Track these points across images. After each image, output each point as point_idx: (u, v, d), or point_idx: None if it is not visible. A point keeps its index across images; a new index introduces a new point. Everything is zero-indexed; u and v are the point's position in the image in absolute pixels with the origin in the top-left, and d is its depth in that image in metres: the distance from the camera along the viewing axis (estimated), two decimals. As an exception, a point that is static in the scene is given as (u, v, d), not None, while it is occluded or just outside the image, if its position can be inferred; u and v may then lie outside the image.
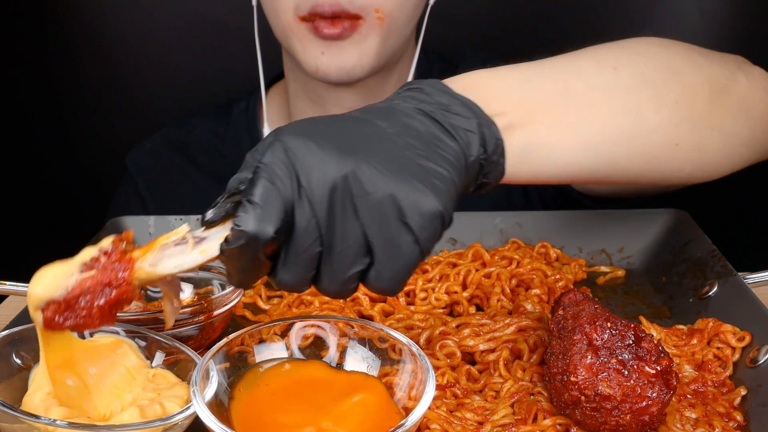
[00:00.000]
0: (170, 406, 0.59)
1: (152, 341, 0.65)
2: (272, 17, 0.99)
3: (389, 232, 0.53)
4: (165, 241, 0.55)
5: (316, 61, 0.96)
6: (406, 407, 0.59)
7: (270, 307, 0.83)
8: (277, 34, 1.01)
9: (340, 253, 0.53)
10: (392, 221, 0.53)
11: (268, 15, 1.00)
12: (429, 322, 0.75)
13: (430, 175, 0.55)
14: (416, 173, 0.54)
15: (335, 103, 1.07)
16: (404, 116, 0.58)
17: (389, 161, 0.54)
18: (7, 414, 0.54)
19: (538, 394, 0.64)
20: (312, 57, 0.96)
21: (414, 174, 0.54)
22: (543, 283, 0.81)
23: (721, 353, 0.68)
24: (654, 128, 0.71)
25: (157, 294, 0.80)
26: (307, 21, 0.93)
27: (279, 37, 1.01)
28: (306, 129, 0.55)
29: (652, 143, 0.72)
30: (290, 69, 1.10)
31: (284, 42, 1.00)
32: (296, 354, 0.65)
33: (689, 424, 0.60)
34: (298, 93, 1.10)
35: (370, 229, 0.53)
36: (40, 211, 1.48)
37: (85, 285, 0.55)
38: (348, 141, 0.54)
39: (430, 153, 0.56)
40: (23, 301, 0.78)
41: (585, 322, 0.58)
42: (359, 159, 0.53)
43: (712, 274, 0.79)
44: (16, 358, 0.62)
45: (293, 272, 0.54)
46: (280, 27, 0.98)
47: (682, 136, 0.74)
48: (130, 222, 0.94)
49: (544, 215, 0.93)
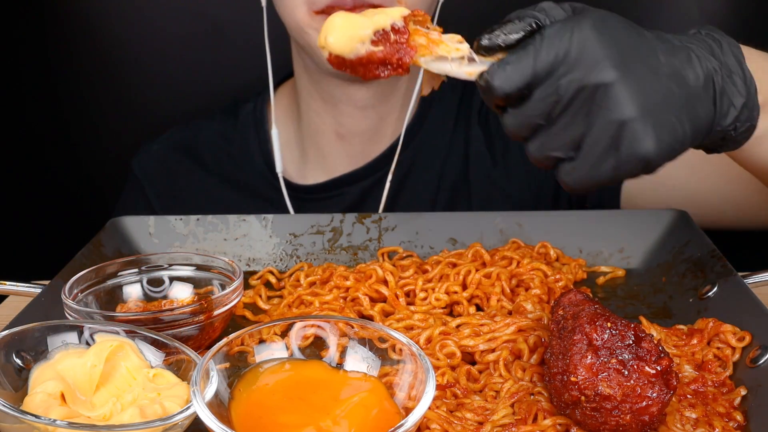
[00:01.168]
0: (170, 406, 0.59)
1: (152, 341, 0.65)
2: (285, 15, 0.99)
3: (601, 148, 0.59)
4: (446, 54, 0.61)
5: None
6: (406, 407, 0.59)
7: (270, 307, 0.83)
8: (292, 31, 1.00)
9: (555, 135, 0.60)
10: (609, 143, 0.58)
11: (281, 13, 1.00)
12: (429, 322, 0.75)
13: (668, 126, 0.59)
14: (657, 117, 0.58)
15: (348, 101, 1.07)
16: (687, 62, 0.61)
17: (643, 94, 0.58)
18: (8, 414, 0.54)
19: (538, 394, 0.64)
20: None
21: (654, 117, 0.58)
22: (543, 283, 0.81)
23: (721, 353, 0.68)
24: None
25: (158, 294, 0.80)
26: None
27: (293, 33, 1.00)
28: (605, 26, 0.59)
29: None
30: (302, 68, 1.10)
31: (299, 38, 1.00)
32: (296, 354, 0.65)
33: (689, 424, 0.60)
34: (310, 92, 1.10)
35: (589, 137, 0.59)
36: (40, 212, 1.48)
37: (372, 57, 0.62)
38: (624, 54, 0.58)
39: (684, 107, 0.60)
40: (23, 301, 0.78)
41: (585, 322, 0.58)
42: (621, 77, 0.57)
43: (712, 274, 0.79)
44: (16, 358, 0.62)
45: (515, 124, 0.61)
46: (294, 23, 0.97)
47: None
48: (130, 222, 0.94)
49: (544, 215, 0.93)
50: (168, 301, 0.80)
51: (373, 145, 1.13)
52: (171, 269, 0.81)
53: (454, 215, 0.94)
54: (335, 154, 1.14)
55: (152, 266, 0.81)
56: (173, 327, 0.70)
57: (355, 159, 1.14)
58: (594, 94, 0.57)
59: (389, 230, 0.93)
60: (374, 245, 0.93)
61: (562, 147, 0.60)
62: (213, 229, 0.94)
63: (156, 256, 0.82)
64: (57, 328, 0.64)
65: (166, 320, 0.70)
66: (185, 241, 0.94)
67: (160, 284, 0.81)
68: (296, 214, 0.96)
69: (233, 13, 1.38)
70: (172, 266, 0.81)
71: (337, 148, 1.13)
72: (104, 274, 0.78)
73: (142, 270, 0.80)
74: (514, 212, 0.93)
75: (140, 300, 0.79)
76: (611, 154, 0.59)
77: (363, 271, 0.85)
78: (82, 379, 0.61)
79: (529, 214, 0.93)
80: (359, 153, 1.13)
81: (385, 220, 0.94)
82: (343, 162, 1.14)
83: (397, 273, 0.84)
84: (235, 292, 0.75)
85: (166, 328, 0.69)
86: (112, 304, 0.78)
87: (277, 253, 0.94)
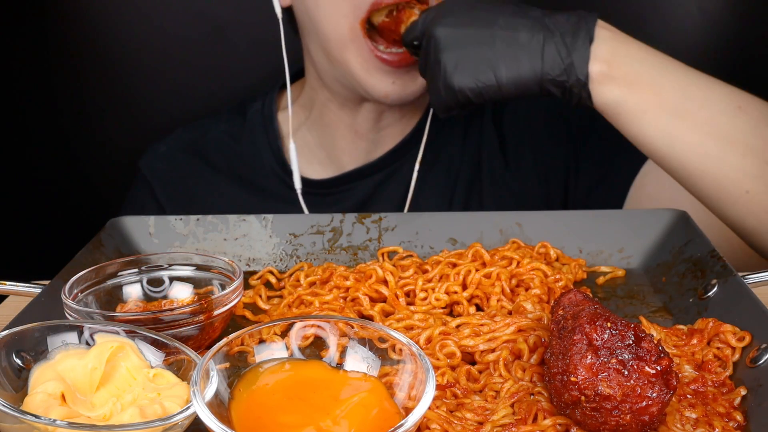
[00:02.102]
0: (170, 406, 0.59)
1: (152, 341, 0.65)
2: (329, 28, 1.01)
3: (432, 76, 0.89)
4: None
5: (386, 90, 1.03)
6: (406, 407, 0.59)
7: (270, 307, 0.83)
8: (333, 48, 1.02)
9: (420, 65, 0.92)
10: (435, 74, 0.88)
11: (323, 26, 1.01)
12: (429, 322, 0.75)
13: (482, 65, 0.85)
14: (470, 59, 0.85)
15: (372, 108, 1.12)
16: (524, 27, 0.84)
17: (459, 44, 0.85)
18: (8, 414, 0.54)
19: (538, 394, 0.64)
20: (383, 86, 1.02)
21: (467, 59, 0.85)
22: (543, 283, 0.81)
23: (721, 353, 0.68)
24: (735, 166, 0.84)
25: (158, 294, 0.80)
26: (368, 28, 0.99)
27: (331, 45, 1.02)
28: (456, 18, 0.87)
29: (723, 174, 0.84)
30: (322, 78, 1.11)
31: (337, 52, 1.02)
32: (296, 354, 0.65)
33: (689, 424, 0.60)
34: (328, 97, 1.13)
35: (428, 69, 0.90)
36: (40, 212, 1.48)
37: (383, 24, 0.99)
38: (459, 19, 0.87)
39: (504, 55, 0.84)
40: (23, 301, 0.78)
41: (585, 322, 0.58)
42: (447, 34, 0.86)
43: (712, 274, 0.79)
44: (16, 358, 0.62)
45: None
46: (339, 36, 1.00)
47: (757, 188, 0.84)
48: (130, 222, 0.94)
49: (544, 215, 0.93)
50: (168, 301, 0.80)
51: (386, 139, 1.14)
52: (171, 269, 0.81)
53: (454, 215, 0.94)
54: (350, 150, 1.15)
55: (152, 266, 0.81)
56: (173, 327, 0.70)
57: (367, 154, 1.15)
58: (431, 42, 0.87)
59: (389, 230, 0.93)
60: (374, 245, 0.93)
61: (423, 73, 0.91)
62: (213, 229, 0.94)
63: (156, 256, 0.82)
64: (57, 328, 0.64)
65: (166, 320, 0.70)
66: (185, 241, 0.94)
67: (160, 284, 0.81)
68: (296, 214, 0.96)
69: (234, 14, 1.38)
70: (172, 266, 0.81)
71: (350, 144, 1.14)
72: (104, 274, 0.78)
73: (142, 270, 0.80)
74: (514, 212, 0.93)
75: (140, 300, 0.79)
76: (440, 82, 0.86)
77: (363, 271, 0.85)
78: (83, 380, 0.61)
79: (529, 214, 0.93)
80: (373, 149, 1.15)
81: (385, 220, 0.94)
82: (354, 157, 1.15)
83: (397, 273, 0.84)
84: (235, 292, 0.75)
85: (166, 328, 0.69)
86: (112, 304, 0.78)
87: (277, 253, 0.94)
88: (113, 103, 1.44)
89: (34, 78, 1.43)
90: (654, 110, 0.84)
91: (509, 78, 0.84)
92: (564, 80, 0.83)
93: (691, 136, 0.84)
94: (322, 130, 1.16)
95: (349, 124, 1.13)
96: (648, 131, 0.85)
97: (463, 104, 0.88)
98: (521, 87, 0.85)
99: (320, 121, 1.15)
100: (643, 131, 0.85)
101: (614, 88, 0.84)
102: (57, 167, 1.47)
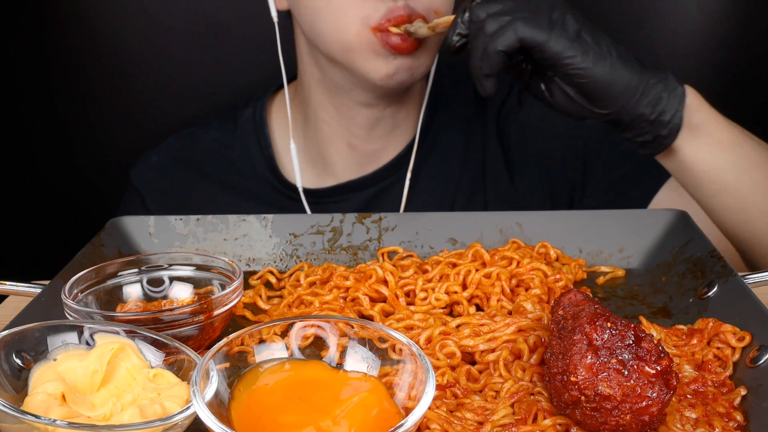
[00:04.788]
0: (170, 406, 0.59)
1: (152, 341, 0.65)
2: (335, 31, 0.99)
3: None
4: None
5: (387, 69, 0.99)
6: (406, 407, 0.59)
7: (270, 307, 0.83)
8: (337, 49, 1.00)
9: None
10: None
11: (328, 30, 1.00)
12: (429, 322, 0.75)
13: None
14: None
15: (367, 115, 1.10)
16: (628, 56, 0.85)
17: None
18: (8, 414, 0.54)
19: (538, 394, 0.64)
20: (385, 68, 0.99)
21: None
22: (543, 283, 0.81)
23: (721, 353, 0.68)
24: None
25: (158, 294, 0.80)
26: (380, 31, 0.95)
27: (340, 50, 1.00)
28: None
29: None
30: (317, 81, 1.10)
31: (345, 55, 1.00)
32: (296, 354, 0.65)
33: (689, 424, 0.60)
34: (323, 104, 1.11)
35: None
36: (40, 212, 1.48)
37: None
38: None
39: (615, 55, 0.84)
40: (23, 301, 0.78)
41: (585, 322, 0.58)
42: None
43: (712, 274, 0.79)
44: (16, 358, 0.62)
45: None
46: (346, 39, 0.98)
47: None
48: (130, 222, 0.94)
49: (544, 215, 0.93)
50: (168, 301, 0.80)
51: (382, 152, 1.14)
52: (171, 269, 0.81)
53: (455, 215, 0.94)
54: (343, 161, 1.14)
55: (152, 266, 0.81)
56: (173, 327, 0.70)
57: (363, 167, 1.14)
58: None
59: (389, 230, 0.93)
60: (374, 245, 0.93)
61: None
62: (213, 229, 0.94)
63: (156, 256, 0.82)
64: (57, 328, 0.64)
65: (166, 320, 0.70)
66: (185, 241, 0.94)
67: (160, 284, 0.81)
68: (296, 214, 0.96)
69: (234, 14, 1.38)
70: (172, 266, 0.81)
71: (346, 155, 1.14)
72: (104, 274, 0.78)
73: (142, 270, 0.80)
74: (514, 212, 0.93)
75: (140, 300, 0.79)
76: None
77: (363, 271, 0.85)
78: (83, 382, 0.61)
79: (529, 214, 0.93)
80: (368, 161, 1.14)
81: (385, 220, 0.94)
82: (350, 169, 1.15)
83: (397, 273, 0.84)
84: (235, 292, 0.75)
85: (166, 328, 0.69)
86: (112, 304, 0.78)
87: (277, 253, 0.94)
88: (113, 103, 1.44)
89: (34, 77, 1.43)
90: (716, 159, 0.89)
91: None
92: (661, 112, 0.85)
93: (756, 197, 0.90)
94: (319, 146, 1.15)
95: (342, 134, 1.12)
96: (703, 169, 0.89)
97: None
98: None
99: (317, 136, 1.14)
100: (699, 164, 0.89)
101: (703, 141, 0.88)
102: (57, 167, 1.47)
